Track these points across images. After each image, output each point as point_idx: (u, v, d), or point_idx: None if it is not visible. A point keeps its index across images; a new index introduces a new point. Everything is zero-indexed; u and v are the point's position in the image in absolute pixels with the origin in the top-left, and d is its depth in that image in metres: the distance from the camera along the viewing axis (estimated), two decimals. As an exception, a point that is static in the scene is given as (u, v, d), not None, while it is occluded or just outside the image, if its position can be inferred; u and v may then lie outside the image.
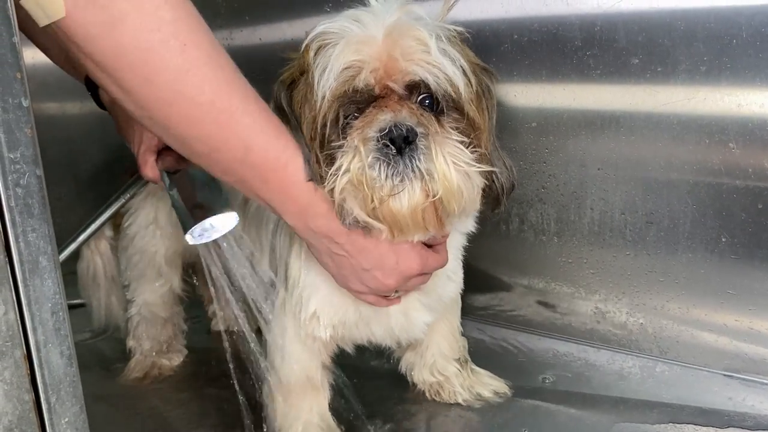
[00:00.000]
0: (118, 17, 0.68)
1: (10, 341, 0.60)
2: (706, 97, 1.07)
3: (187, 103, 0.73)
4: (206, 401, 1.22)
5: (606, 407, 1.10)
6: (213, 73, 0.74)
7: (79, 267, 1.40)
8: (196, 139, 0.77)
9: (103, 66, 0.71)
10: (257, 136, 0.78)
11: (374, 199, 0.81)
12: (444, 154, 0.82)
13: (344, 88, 0.82)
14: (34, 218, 0.60)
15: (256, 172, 0.80)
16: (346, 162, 0.81)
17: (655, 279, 1.19)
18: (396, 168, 0.80)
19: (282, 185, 0.81)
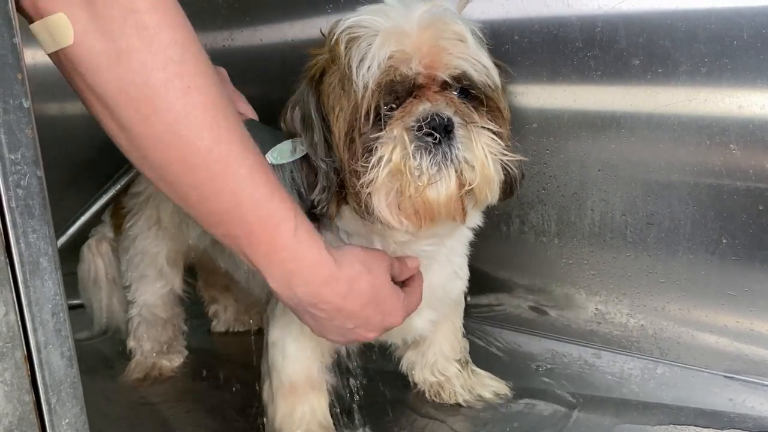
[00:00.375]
0: (125, 50, 0.68)
1: (11, 342, 0.60)
2: (706, 99, 1.07)
3: (184, 147, 0.72)
4: (207, 402, 1.22)
5: (607, 409, 1.10)
6: (214, 120, 0.73)
7: (80, 269, 1.41)
8: (190, 186, 0.75)
9: (105, 100, 0.71)
10: (251, 190, 0.76)
11: (412, 188, 0.82)
12: (482, 144, 0.84)
13: (388, 78, 0.83)
14: (35, 219, 0.60)
15: (245, 228, 0.77)
16: (388, 152, 0.82)
17: (655, 280, 1.18)
18: (436, 157, 0.82)
19: (269, 246, 0.78)
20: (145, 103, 0.69)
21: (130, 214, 1.31)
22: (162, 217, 1.28)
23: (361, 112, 0.83)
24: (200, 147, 0.72)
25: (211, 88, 0.73)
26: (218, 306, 1.53)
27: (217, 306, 1.53)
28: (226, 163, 0.74)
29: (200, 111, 0.71)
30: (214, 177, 0.74)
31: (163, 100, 0.69)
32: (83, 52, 0.68)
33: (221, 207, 0.76)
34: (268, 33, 1.63)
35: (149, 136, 0.71)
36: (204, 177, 0.74)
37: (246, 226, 0.77)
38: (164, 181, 0.76)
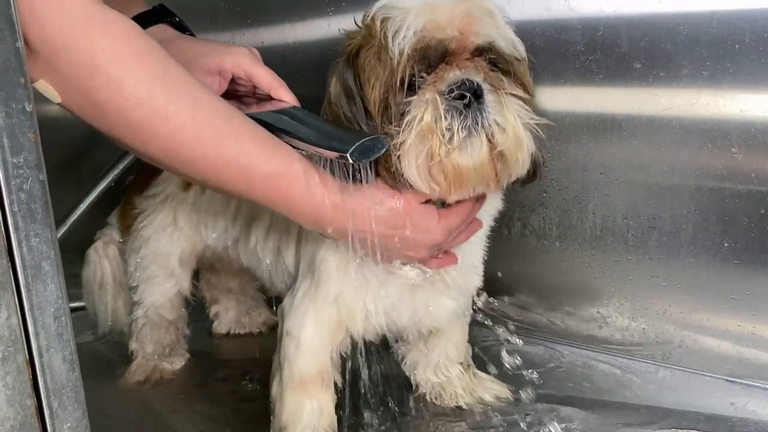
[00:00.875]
0: (102, 103, 0.75)
1: (13, 346, 0.60)
2: (708, 102, 1.07)
3: (182, 158, 0.81)
4: (207, 405, 1.22)
5: (608, 412, 1.10)
6: (198, 131, 0.80)
7: (84, 272, 1.40)
8: (202, 180, 0.86)
9: (103, 132, 0.80)
10: (255, 172, 0.84)
11: (442, 150, 0.84)
12: (512, 108, 0.87)
13: (422, 44, 0.87)
14: (37, 223, 0.60)
15: (262, 196, 0.87)
16: (420, 112, 0.85)
17: (657, 284, 1.18)
18: (466, 119, 0.85)
19: (288, 204, 0.88)
20: (134, 135, 0.79)
21: (143, 215, 1.31)
22: (178, 218, 1.29)
23: (396, 78, 0.87)
24: (195, 156, 0.81)
25: (187, 104, 0.80)
26: (220, 307, 1.53)
27: (218, 307, 1.53)
28: (223, 159, 0.82)
29: (183, 129, 0.79)
30: (218, 172, 0.83)
31: (148, 130, 0.78)
32: (70, 106, 0.77)
33: (236, 188, 0.85)
34: (269, 35, 1.63)
35: (151, 153, 0.81)
36: (210, 175, 0.83)
37: (262, 195, 0.86)
38: (179, 176, 0.89)
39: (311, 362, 1.03)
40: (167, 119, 0.78)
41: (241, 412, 1.18)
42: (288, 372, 1.04)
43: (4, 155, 0.57)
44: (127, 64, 0.76)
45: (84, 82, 0.74)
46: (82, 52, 0.73)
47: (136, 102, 0.76)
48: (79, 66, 0.73)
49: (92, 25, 0.73)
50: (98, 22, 0.74)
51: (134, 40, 0.77)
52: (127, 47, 0.76)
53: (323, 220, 0.89)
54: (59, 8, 0.71)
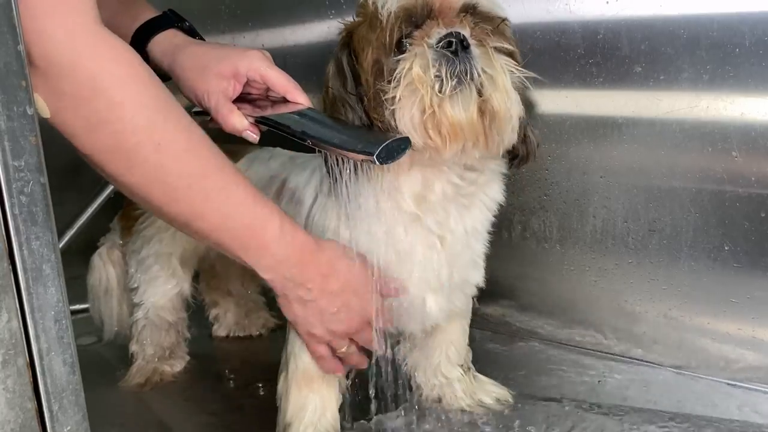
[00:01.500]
0: (97, 123, 0.75)
1: (13, 349, 0.60)
2: (708, 105, 1.07)
3: (165, 188, 0.81)
4: (207, 407, 1.22)
5: (608, 415, 1.10)
6: (188, 162, 0.81)
7: (90, 278, 1.40)
8: (176, 213, 0.84)
9: (87, 157, 0.79)
10: (235, 206, 0.85)
11: (433, 101, 0.86)
12: (499, 59, 0.89)
13: (409, 4, 0.90)
14: (38, 226, 0.60)
15: (233, 236, 0.87)
16: (409, 62, 0.87)
17: (657, 287, 1.18)
18: (455, 67, 0.86)
19: (259, 245, 0.87)
20: (122, 161, 0.78)
21: (145, 216, 1.31)
22: None
23: (386, 39, 0.90)
24: (179, 186, 0.81)
25: (181, 136, 0.81)
26: (219, 310, 1.53)
27: (218, 310, 1.53)
28: (205, 192, 0.83)
29: (174, 159, 0.80)
30: (195, 206, 0.83)
31: (138, 157, 0.78)
32: (61, 124, 0.76)
33: (209, 226, 0.85)
34: (269, 37, 1.63)
35: (133, 181, 0.80)
36: (188, 208, 0.83)
37: (236, 235, 0.86)
38: (153, 208, 0.85)
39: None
40: (160, 148, 0.78)
41: (240, 415, 1.18)
42: (293, 367, 1.04)
43: (5, 158, 0.58)
44: (130, 89, 0.76)
45: (83, 103, 0.74)
46: (87, 72, 0.73)
47: (133, 128, 0.76)
48: (81, 86, 0.73)
49: (98, 47, 0.74)
50: (104, 44, 0.74)
51: (137, 67, 0.78)
52: (131, 73, 0.77)
53: (287, 263, 0.89)
54: (64, 27, 0.71)
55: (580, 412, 1.11)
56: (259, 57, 1.00)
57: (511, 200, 1.27)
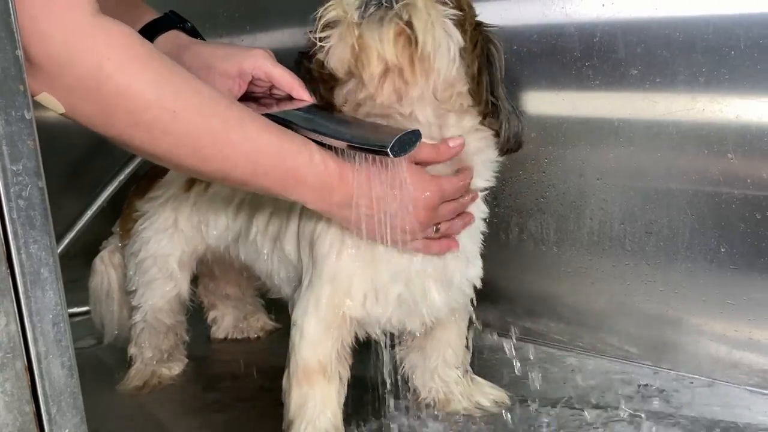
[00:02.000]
0: (111, 108, 0.77)
1: (11, 353, 0.60)
2: (704, 108, 1.08)
3: (191, 151, 0.84)
4: (205, 410, 1.22)
5: (605, 416, 1.10)
6: (206, 122, 0.83)
7: (92, 282, 1.40)
8: (212, 171, 0.87)
9: (108, 137, 0.82)
10: (261, 151, 0.87)
11: (352, 30, 0.88)
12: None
13: None
14: (36, 230, 0.60)
15: (271, 179, 0.89)
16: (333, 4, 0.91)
17: (654, 289, 1.19)
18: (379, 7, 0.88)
19: (296, 181, 0.89)
20: (144, 135, 0.80)
21: (144, 218, 1.31)
22: (179, 219, 1.29)
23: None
24: (204, 145, 0.83)
25: (193, 99, 0.82)
26: (218, 313, 1.53)
27: (216, 313, 1.53)
28: (231, 146, 0.85)
29: (192, 124, 0.82)
30: (226, 160, 0.85)
31: (158, 129, 0.80)
32: (77, 115, 0.78)
33: (244, 174, 0.88)
34: (267, 41, 1.64)
35: (160, 151, 0.83)
36: (219, 164, 0.85)
37: (272, 177, 0.89)
38: (185, 171, 0.91)
39: (313, 352, 1.03)
40: (176, 116, 0.80)
41: (239, 418, 1.18)
42: (293, 362, 1.04)
43: (3, 163, 0.58)
44: (132, 69, 0.77)
45: (92, 93, 0.75)
46: (89, 64, 0.74)
47: (145, 104, 0.78)
48: (85, 78, 0.74)
49: (96, 37, 0.75)
50: (101, 32, 0.75)
51: (134, 46, 0.79)
52: (129, 53, 0.77)
53: (329, 189, 0.91)
54: (62, 23, 0.72)
55: (576, 412, 1.11)
56: (263, 55, 1.02)
57: (508, 202, 1.29)
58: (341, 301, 1.02)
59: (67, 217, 1.77)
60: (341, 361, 1.06)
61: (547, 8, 1.19)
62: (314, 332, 1.03)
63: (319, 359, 1.03)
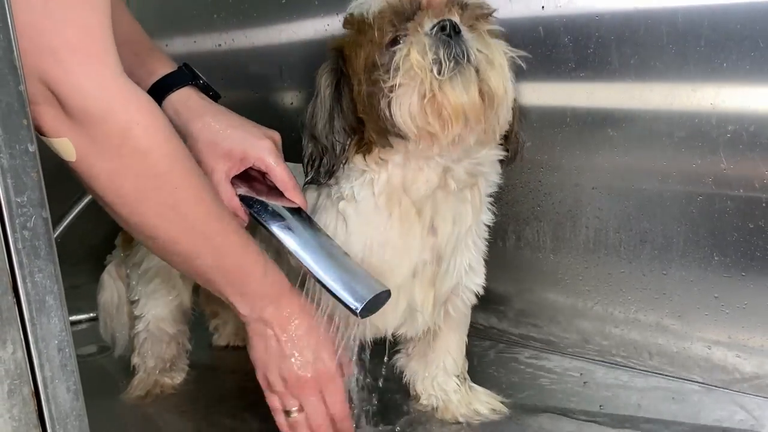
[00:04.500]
0: (122, 169, 0.81)
1: (18, 379, 0.62)
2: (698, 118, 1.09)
3: (170, 227, 0.88)
4: (207, 418, 1.24)
5: (603, 423, 1.11)
6: (196, 206, 0.89)
7: (101, 297, 1.42)
8: (178, 251, 0.91)
9: (101, 198, 0.85)
10: (227, 250, 0.93)
11: (433, 85, 0.88)
12: (491, 40, 0.93)
13: (396, 2, 0.93)
14: (41, 259, 0.62)
15: (223, 275, 0.95)
16: (406, 49, 0.90)
17: (649, 296, 1.20)
18: (452, 49, 0.89)
19: (243, 283, 0.96)
20: (138, 204, 0.84)
21: None
22: None
23: (378, 37, 0.93)
24: (185, 227, 0.88)
25: (194, 181, 0.88)
26: (219, 321, 1.54)
27: (217, 321, 1.55)
28: (205, 235, 0.90)
29: (185, 203, 0.87)
30: (197, 245, 0.91)
31: (154, 199, 0.85)
32: (85, 168, 0.81)
33: (205, 264, 0.93)
34: (263, 36, 1.63)
35: (141, 221, 0.87)
36: (189, 246, 0.91)
37: (226, 274, 0.95)
38: (155, 244, 0.91)
39: None
40: (176, 192, 0.86)
41: (241, 425, 1.19)
42: None
43: (8, 195, 0.59)
44: (156, 138, 0.82)
45: (112, 150, 0.79)
46: (119, 123, 0.78)
47: (155, 173, 0.83)
48: (112, 135, 0.78)
49: (128, 99, 0.79)
50: (131, 95, 0.79)
51: (160, 118, 0.83)
52: (157, 123, 0.82)
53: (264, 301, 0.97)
54: (96, 80, 0.76)
55: (573, 419, 1.13)
56: (269, 149, 1.04)
57: (505, 210, 1.30)
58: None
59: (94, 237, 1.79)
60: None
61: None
62: None
63: None
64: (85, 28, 0.74)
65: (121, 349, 1.42)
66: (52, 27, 0.72)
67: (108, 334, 1.43)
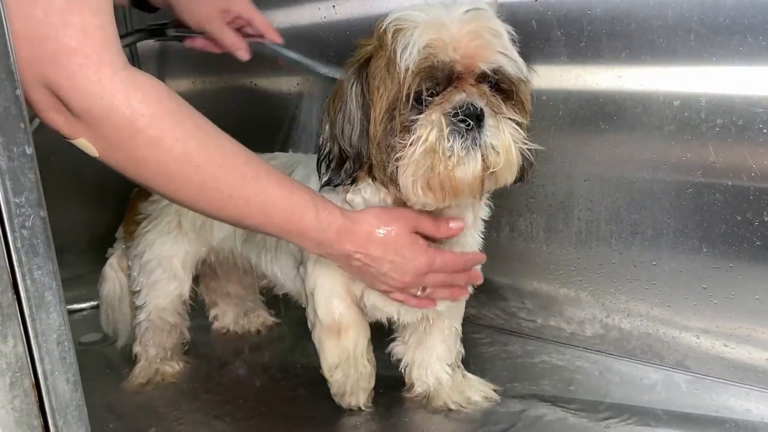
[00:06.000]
0: (141, 159, 0.84)
1: (19, 372, 0.64)
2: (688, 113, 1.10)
3: (209, 200, 0.91)
4: (207, 406, 1.26)
5: (594, 412, 1.13)
6: (225, 176, 0.90)
7: (103, 289, 1.45)
8: (226, 217, 0.95)
9: (135, 181, 0.89)
10: (271, 207, 0.95)
11: (441, 167, 0.92)
12: (508, 133, 0.94)
13: (427, 63, 0.92)
14: (39, 257, 0.64)
15: (277, 228, 0.97)
16: (425, 132, 0.92)
17: (640, 287, 1.22)
18: (467, 141, 0.92)
19: (300, 231, 0.97)
20: (167, 184, 0.88)
21: (147, 220, 1.35)
22: (182, 221, 1.34)
23: (402, 93, 0.93)
24: (222, 197, 0.90)
25: (216, 154, 0.89)
26: (219, 310, 1.57)
27: (217, 310, 1.57)
28: (245, 199, 0.92)
29: (213, 176, 0.88)
30: (239, 210, 0.93)
31: (181, 180, 0.88)
32: (109, 161, 0.85)
33: (255, 223, 0.96)
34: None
35: (179, 198, 0.91)
36: (233, 212, 0.93)
37: (279, 228, 0.97)
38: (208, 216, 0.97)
39: (331, 312, 1.14)
40: (199, 169, 0.87)
41: (241, 413, 1.22)
42: (319, 323, 1.15)
43: (6, 196, 0.62)
44: (164, 124, 0.84)
45: (125, 143, 0.82)
46: (123, 117, 0.80)
47: (172, 157, 0.85)
48: (120, 130, 0.81)
49: (129, 92, 0.80)
50: (134, 88, 0.81)
51: (166, 101, 0.85)
52: (162, 109, 0.84)
53: (327, 243, 0.99)
54: (98, 80, 0.78)
55: (565, 407, 1.15)
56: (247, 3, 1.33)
57: (499, 202, 1.31)
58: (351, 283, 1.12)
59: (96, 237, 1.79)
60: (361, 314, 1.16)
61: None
62: (328, 299, 1.14)
63: (336, 317, 1.14)
64: (83, 31, 0.76)
65: (123, 340, 1.45)
66: (52, 34, 0.74)
67: (109, 326, 1.46)
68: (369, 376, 1.18)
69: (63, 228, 1.82)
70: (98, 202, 1.87)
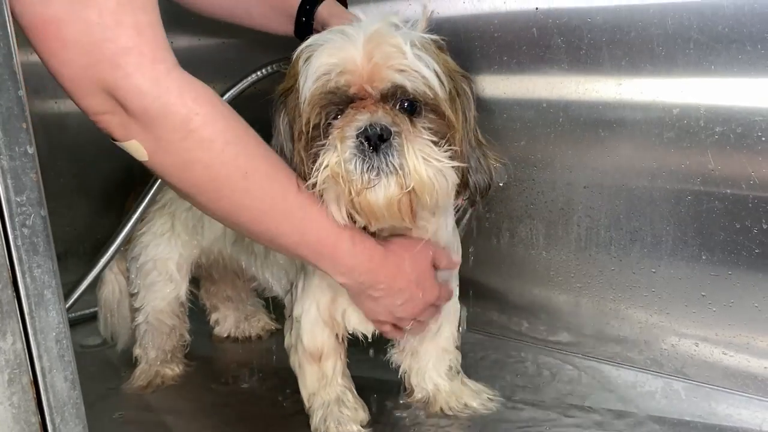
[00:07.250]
0: (190, 162, 0.83)
1: (18, 369, 0.65)
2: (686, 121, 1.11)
3: (249, 211, 0.90)
4: (207, 409, 1.28)
5: (592, 416, 1.14)
6: (270, 186, 0.90)
7: (102, 292, 1.46)
8: (261, 231, 0.93)
9: (177, 189, 0.89)
10: (310, 224, 0.93)
11: (351, 191, 0.89)
12: (415, 151, 0.90)
13: (321, 90, 0.91)
14: (39, 255, 0.65)
15: (311, 250, 0.95)
16: (327, 158, 0.90)
17: (639, 294, 1.23)
18: (371, 163, 0.89)
19: (333, 256, 0.96)
20: (211, 191, 0.87)
21: (142, 222, 1.36)
22: (175, 223, 1.35)
23: (303, 124, 0.92)
24: (263, 208, 0.89)
25: (263, 164, 0.89)
26: (219, 314, 1.58)
27: (218, 314, 1.58)
28: (285, 212, 0.90)
29: (258, 186, 0.87)
30: (279, 224, 0.92)
31: (227, 187, 0.86)
32: (156, 165, 0.84)
33: (289, 241, 0.94)
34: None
35: (219, 207, 0.89)
36: (270, 225, 0.92)
37: (312, 249, 0.95)
38: (238, 228, 0.95)
39: (314, 340, 1.13)
40: (246, 176, 0.86)
41: (241, 416, 1.22)
42: (301, 348, 1.14)
43: (8, 194, 0.62)
44: (217, 126, 0.83)
45: (177, 144, 0.82)
46: (178, 117, 0.80)
47: (221, 161, 0.84)
48: (174, 130, 0.80)
49: (183, 91, 0.80)
50: (187, 87, 0.81)
51: (217, 104, 0.85)
52: (215, 111, 0.83)
53: (358, 271, 0.98)
54: (154, 78, 0.78)
55: (563, 414, 1.15)
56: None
57: (499, 208, 1.33)
58: (336, 298, 1.11)
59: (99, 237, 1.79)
60: (340, 345, 1.15)
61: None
62: (312, 327, 1.13)
63: (319, 346, 1.13)
64: (136, 29, 0.76)
65: (123, 343, 1.46)
66: (108, 36, 0.75)
67: (108, 330, 1.47)
68: (353, 405, 1.15)
69: (67, 232, 1.85)
70: (102, 208, 1.88)
